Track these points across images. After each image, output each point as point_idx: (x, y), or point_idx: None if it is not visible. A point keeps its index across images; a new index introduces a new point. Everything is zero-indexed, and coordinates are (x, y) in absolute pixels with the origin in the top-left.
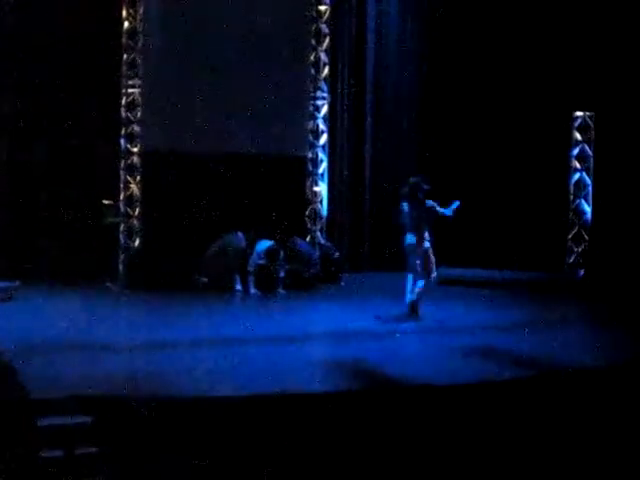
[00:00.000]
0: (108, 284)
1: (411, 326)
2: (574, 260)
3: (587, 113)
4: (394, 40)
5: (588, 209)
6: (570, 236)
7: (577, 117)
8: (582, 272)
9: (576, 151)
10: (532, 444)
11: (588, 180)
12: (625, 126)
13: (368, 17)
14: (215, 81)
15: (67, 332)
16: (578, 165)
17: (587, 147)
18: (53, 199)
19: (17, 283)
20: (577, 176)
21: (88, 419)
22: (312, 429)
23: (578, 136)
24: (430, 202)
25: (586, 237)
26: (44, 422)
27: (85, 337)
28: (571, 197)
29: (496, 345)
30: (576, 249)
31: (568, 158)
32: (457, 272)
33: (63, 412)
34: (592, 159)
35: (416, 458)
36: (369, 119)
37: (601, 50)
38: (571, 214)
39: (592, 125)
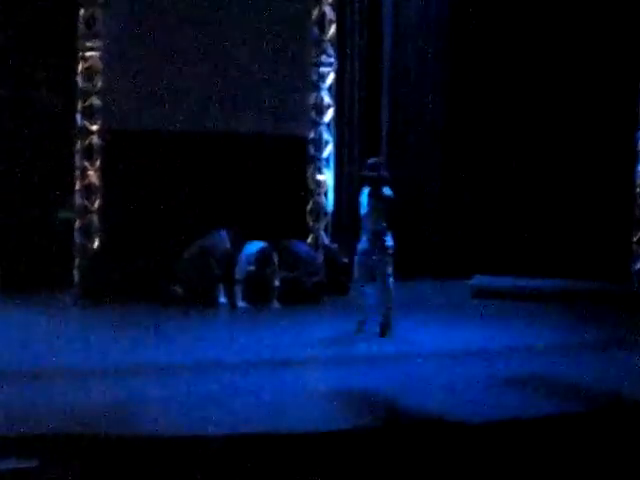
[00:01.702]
0: (59, 295)
1: (436, 349)
2: None
3: None
4: None
5: None
6: (636, 239)
7: None
8: None
9: None
10: None
11: None
12: None
13: None
14: (193, 41)
15: (5, 355)
16: None
17: None
18: None
19: None
20: None
21: (33, 463)
22: (312, 476)
23: None
24: (389, 191)
25: None
26: None
27: (29, 362)
28: (637, 190)
29: (540, 372)
30: None
31: (634, 142)
32: (494, 282)
33: (2, 454)
34: None
35: None
36: (386, 90)
37: None
38: (637, 211)
39: None
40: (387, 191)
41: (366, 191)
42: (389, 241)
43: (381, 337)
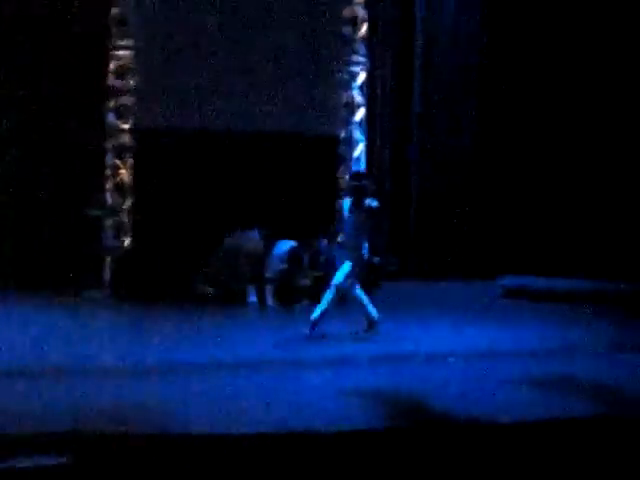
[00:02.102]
0: (90, 293)
1: (466, 349)
2: None
3: None
4: None
5: None
6: None
7: None
8: None
9: None
10: None
11: None
12: None
13: None
14: (226, 42)
15: (38, 353)
16: None
17: None
18: (23, 188)
19: None
20: None
21: (63, 459)
22: (341, 475)
23: None
24: (374, 202)
25: None
26: (9, 464)
27: (60, 359)
28: None
29: (574, 374)
30: None
31: None
32: (525, 282)
33: (34, 451)
34: None
35: None
36: (418, 89)
37: None
38: None
39: None
40: (372, 202)
41: (348, 202)
42: (366, 255)
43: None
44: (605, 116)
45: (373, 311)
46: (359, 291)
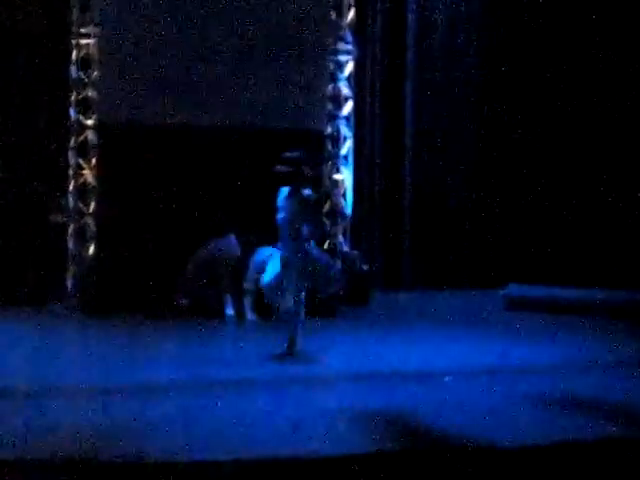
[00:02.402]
0: (52, 306)
1: (467, 366)
2: None
3: None
4: None
5: None
6: None
7: None
8: None
9: None
10: None
11: None
12: None
13: None
14: (197, 27)
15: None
16: None
17: None
18: None
19: None
20: None
21: None
22: None
23: None
24: (308, 192)
25: None
26: None
27: (21, 379)
28: None
29: (585, 392)
30: None
31: None
32: (529, 292)
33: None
34: None
35: None
36: (410, 81)
37: None
38: None
39: None
40: (307, 192)
41: (285, 192)
42: (313, 252)
43: (288, 354)
44: (614, 122)
45: (297, 334)
46: (301, 307)
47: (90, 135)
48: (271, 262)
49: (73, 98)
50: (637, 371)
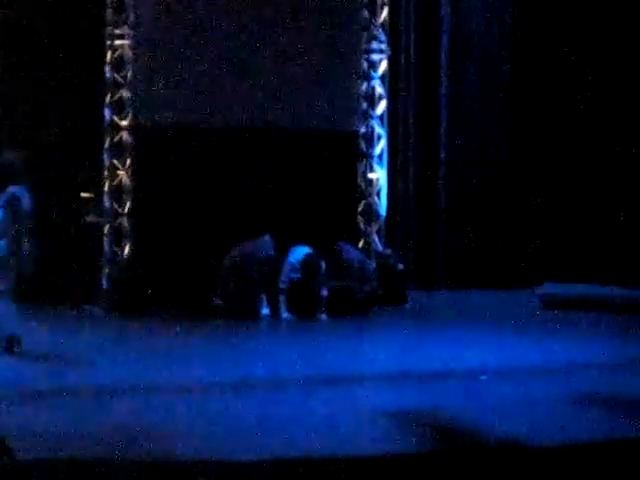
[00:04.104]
0: (87, 306)
1: (504, 365)
2: None
3: None
4: None
5: None
6: None
7: None
8: None
9: None
10: None
11: None
12: None
13: None
14: (231, 28)
15: (30, 373)
16: None
17: None
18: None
19: None
20: None
21: None
22: None
23: None
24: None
25: None
26: None
27: (55, 380)
28: None
29: (620, 391)
30: None
31: None
32: (566, 290)
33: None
34: None
35: None
36: (445, 80)
37: None
38: None
39: None
40: (24, 202)
41: None
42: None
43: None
44: None
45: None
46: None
47: (125, 136)
48: None
49: (107, 99)
50: None
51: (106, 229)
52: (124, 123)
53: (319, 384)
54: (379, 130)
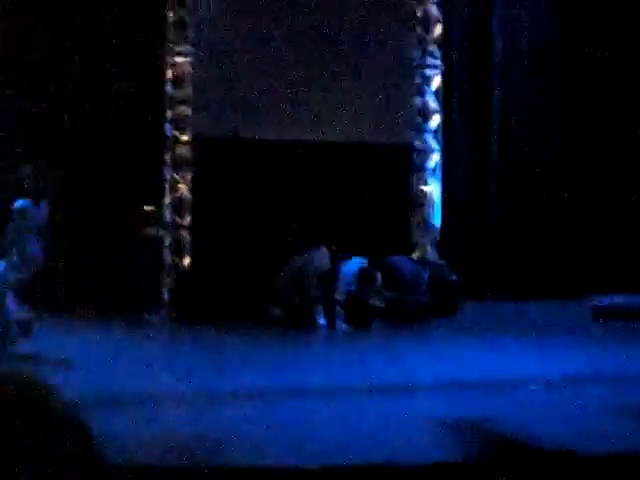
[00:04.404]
0: (148, 316)
1: (556, 375)
2: None
3: None
4: None
5: None
6: None
7: None
8: None
9: None
10: None
11: None
12: None
13: None
14: (287, 43)
15: (93, 380)
16: None
17: None
18: (75, 205)
19: (31, 315)
20: None
21: None
22: None
23: None
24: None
25: None
26: None
27: (117, 388)
28: None
29: None
30: None
31: None
32: (618, 301)
33: None
34: None
35: None
36: (497, 94)
37: None
38: None
39: None
40: (31, 214)
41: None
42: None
43: None
44: None
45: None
46: None
47: (185, 150)
48: None
49: (168, 115)
50: None
51: (167, 241)
52: (184, 138)
53: (373, 393)
54: (433, 144)
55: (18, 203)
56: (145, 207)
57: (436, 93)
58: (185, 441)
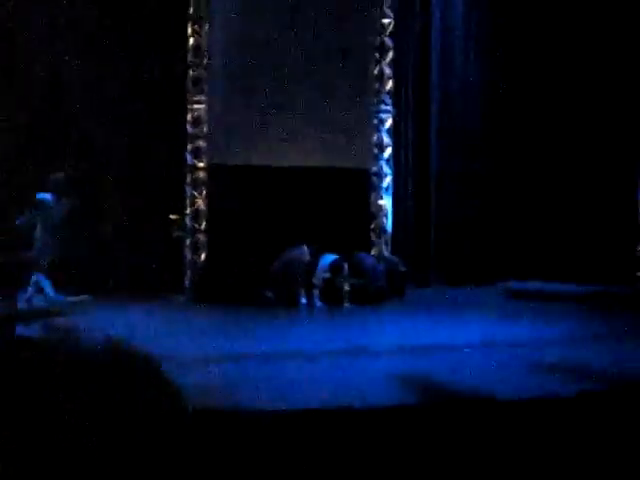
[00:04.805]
0: (175, 298)
1: (480, 340)
2: None
3: None
4: (459, 52)
5: None
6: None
7: None
8: None
9: None
10: (597, 456)
11: None
12: None
13: (433, 30)
14: (280, 97)
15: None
16: None
17: None
18: (118, 214)
19: (88, 297)
20: None
21: None
22: (375, 448)
23: None
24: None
25: None
26: None
27: (153, 350)
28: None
29: (569, 359)
30: None
31: (636, 172)
32: (528, 286)
33: None
34: None
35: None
36: (434, 132)
37: None
38: None
39: None
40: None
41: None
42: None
43: None
44: (583, 135)
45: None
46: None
47: (201, 174)
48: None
49: (188, 147)
50: (607, 343)
51: (188, 242)
52: (201, 165)
53: (341, 355)
54: (386, 169)
55: (40, 195)
56: (171, 215)
57: (388, 131)
58: (210, 388)
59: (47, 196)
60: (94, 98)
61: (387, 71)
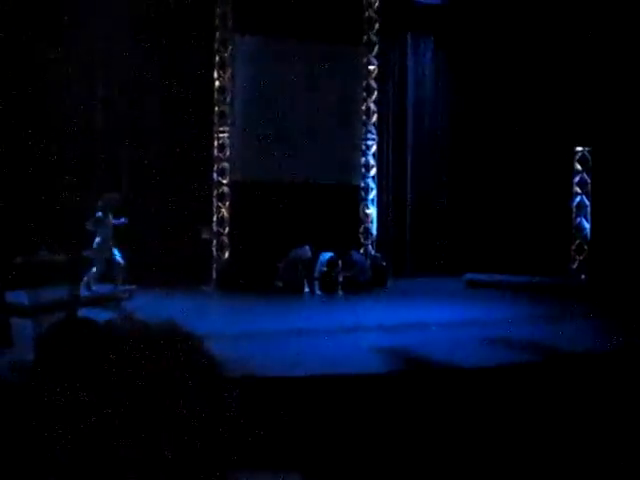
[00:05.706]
0: (203, 287)
1: (443, 320)
2: (577, 267)
3: (586, 148)
4: (431, 92)
5: (587, 225)
6: (573, 247)
7: (578, 151)
8: (584, 277)
9: (577, 179)
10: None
11: (587, 202)
12: (618, 158)
13: (409, 73)
14: (287, 128)
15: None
16: (579, 190)
17: (586, 175)
18: (159, 223)
19: (134, 287)
20: (578, 199)
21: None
22: (363, 405)
23: (579, 167)
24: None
25: (586, 248)
26: None
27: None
28: (573, 216)
29: (515, 335)
30: (578, 257)
31: (570, 185)
32: (483, 277)
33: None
34: (590, 185)
35: (443, 430)
36: (409, 156)
37: (598, 95)
38: (573, 230)
39: (590, 158)
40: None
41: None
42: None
43: None
44: (534, 155)
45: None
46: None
47: (225, 189)
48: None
49: (215, 167)
50: (544, 322)
51: (214, 242)
52: (224, 181)
53: (335, 332)
54: (372, 184)
55: (98, 212)
56: (201, 223)
57: (374, 154)
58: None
59: (100, 214)
60: (141, 132)
61: (372, 107)
